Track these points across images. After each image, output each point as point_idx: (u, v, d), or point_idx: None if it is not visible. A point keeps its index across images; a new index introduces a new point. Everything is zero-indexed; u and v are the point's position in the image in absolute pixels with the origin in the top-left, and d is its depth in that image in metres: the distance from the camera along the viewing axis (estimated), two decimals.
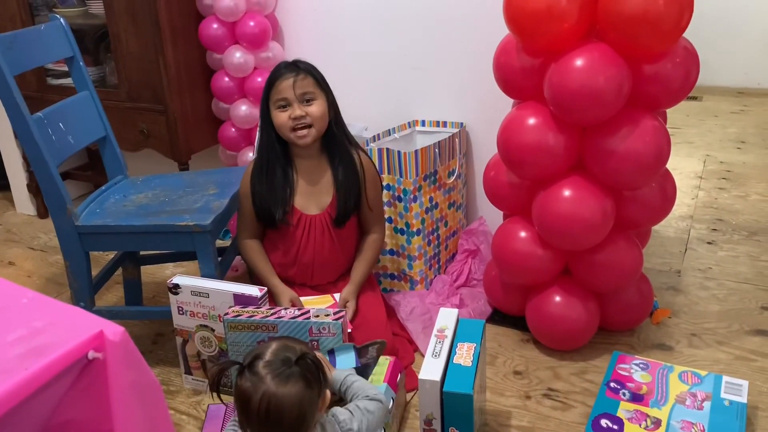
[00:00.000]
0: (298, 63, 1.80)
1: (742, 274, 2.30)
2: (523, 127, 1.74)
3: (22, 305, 0.77)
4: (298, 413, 1.16)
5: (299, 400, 1.16)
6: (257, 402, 1.15)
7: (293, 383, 1.16)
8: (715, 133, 3.87)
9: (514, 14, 1.66)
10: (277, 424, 1.15)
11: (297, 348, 1.23)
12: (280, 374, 1.16)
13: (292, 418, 1.16)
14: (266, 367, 1.17)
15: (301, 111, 1.75)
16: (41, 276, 2.50)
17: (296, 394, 1.16)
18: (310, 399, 1.18)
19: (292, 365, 1.18)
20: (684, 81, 1.66)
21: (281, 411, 1.15)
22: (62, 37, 1.96)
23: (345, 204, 1.84)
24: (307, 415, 1.18)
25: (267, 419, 1.15)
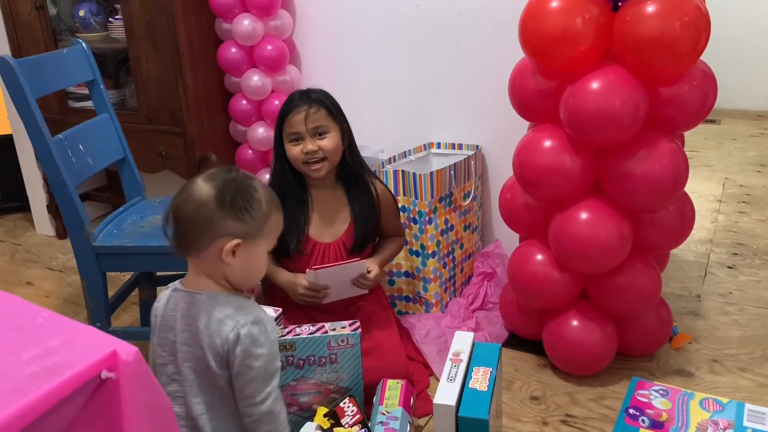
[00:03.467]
0: (310, 93, 1.76)
1: (764, 299, 2.26)
2: (539, 149, 1.73)
3: (37, 324, 0.78)
4: (193, 214, 1.14)
5: (201, 201, 1.15)
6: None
7: (208, 186, 1.16)
8: (734, 156, 3.83)
9: (529, 37, 1.67)
10: (178, 213, 1.17)
11: (248, 177, 1.21)
12: (210, 175, 1.18)
13: (187, 212, 1.15)
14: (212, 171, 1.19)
15: (314, 146, 1.71)
16: (59, 296, 2.52)
17: (206, 192, 1.15)
18: (214, 216, 1.15)
19: (219, 177, 1.17)
20: (701, 104, 1.65)
21: (185, 199, 1.16)
22: (84, 60, 1.99)
23: (363, 235, 1.82)
24: (200, 226, 1.15)
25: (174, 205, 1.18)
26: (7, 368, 0.69)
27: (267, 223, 1.20)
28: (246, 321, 1.16)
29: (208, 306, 1.19)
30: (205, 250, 1.17)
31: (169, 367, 1.24)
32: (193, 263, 1.22)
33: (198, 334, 1.19)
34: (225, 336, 1.15)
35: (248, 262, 1.20)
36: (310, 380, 1.62)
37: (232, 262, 1.17)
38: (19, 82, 1.68)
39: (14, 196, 3.22)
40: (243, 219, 1.16)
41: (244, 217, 1.16)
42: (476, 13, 2.19)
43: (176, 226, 1.17)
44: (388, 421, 1.52)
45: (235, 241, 1.15)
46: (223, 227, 1.15)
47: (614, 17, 1.61)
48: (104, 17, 2.59)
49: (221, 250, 1.15)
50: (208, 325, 1.18)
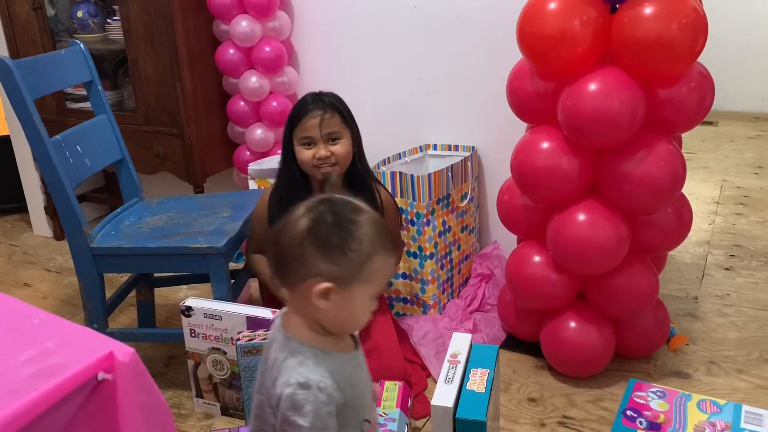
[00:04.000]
0: (323, 97, 1.74)
1: (761, 300, 2.26)
2: (537, 150, 1.73)
3: (33, 326, 0.77)
4: (287, 247, 1.01)
5: (295, 233, 1.00)
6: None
7: (306, 217, 1.01)
8: (731, 158, 3.84)
9: (527, 39, 1.67)
10: (276, 240, 1.04)
11: (355, 209, 1.04)
12: (313, 203, 1.03)
13: (282, 243, 1.02)
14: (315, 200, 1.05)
15: (327, 151, 1.71)
16: (56, 297, 2.51)
17: (301, 225, 1.00)
18: (306, 252, 1.00)
19: (319, 207, 1.02)
20: (699, 105, 1.66)
21: (283, 227, 1.03)
22: (82, 61, 1.99)
23: None
24: (292, 261, 1.01)
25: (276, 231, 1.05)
26: (3, 369, 0.69)
27: (366, 267, 1.00)
28: (296, 380, 0.99)
29: (280, 347, 1.05)
30: (297, 288, 1.02)
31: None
32: (287, 296, 1.07)
33: (266, 370, 1.07)
34: (276, 387, 1.02)
35: (343, 308, 1.02)
36: None
37: (324, 306, 1.00)
38: (17, 83, 1.68)
39: (12, 197, 3.21)
40: (338, 261, 0.98)
41: (338, 259, 0.99)
42: (474, 14, 2.19)
43: (273, 254, 1.04)
44: (385, 423, 1.52)
45: (325, 285, 0.99)
46: (314, 267, 0.99)
47: (612, 19, 1.61)
48: (102, 18, 2.59)
49: (310, 290, 1.00)
50: (272, 367, 1.05)
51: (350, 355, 1.08)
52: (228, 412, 1.79)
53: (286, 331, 1.05)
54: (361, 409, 1.07)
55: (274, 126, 2.46)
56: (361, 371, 1.10)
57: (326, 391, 0.99)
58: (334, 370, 1.02)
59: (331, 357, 1.04)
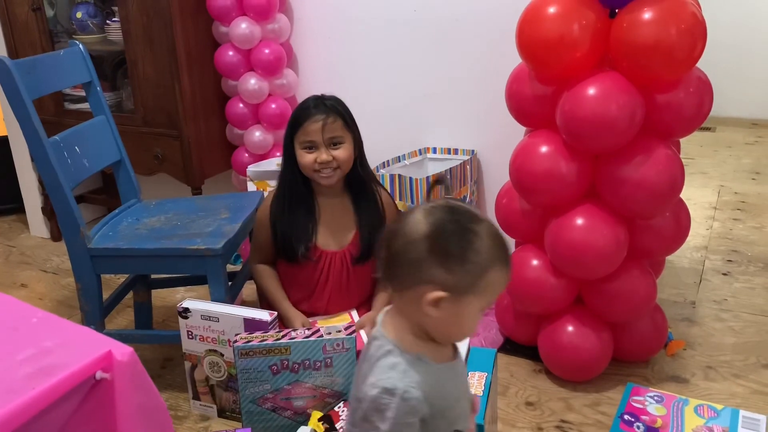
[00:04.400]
0: (325, 101, 1.74)
1: (758, 305, 2.26)
2: (535, 154, 1.73)
3: (32, 325, 0.77)
4: (401, 250, 0.97)
5: (412, 238, 0.96)
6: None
7: (425, 222, 0.97)
8: (729, 163, 3.85)
9: (527, 43, 1.67)
10: (389, 241, 1.00)
11: (475, 218, 0.99)
12: (431, 208, 0.98)
13: (397, 245, 0.98)
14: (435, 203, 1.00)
15: (328, 156, 1.70)
16: (53, 298, 2.51)
17: (420, 229, 0.96)
18: (422, 258, 0.96)
19: (439, 213, 0.97)
20: (697, 110, 1.66)
21: (399, 229, 0.99)
22: (81, 62, 1.99)
23: (369, 244, 1.82)
24: (406, 265, 0.98)
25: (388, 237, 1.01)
26: (1, 368, 0.68)
27: (482, 279, 0.96)
28: (383, 384, 0.97)
29: (377, 346, 1.03)
30: (407, 292, 0.99)
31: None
32: (393, 297, 1.05)
33: (362, 367, 1.06)
34: (365, 385, 1.01)
35: (452, 318, 0.98)
36: (305, 384, 1.61)
37: (434, 314, 0.97)
38: (16, 83, 1.68)
39: (9, 198, 3.21)
40: (454, 271, 0.95)
41: (455, 268, 0.95)
42: (473, 18, 2.20)
43: (385, 255, 1.01)
44: None
45: (438, 294, 0.95)
46: (429, 274, 0.96)
47: (611, 24, 1.62)
48: (101, 19, 2.59)
49: (422, 297, 0.96)
50: (368, 362, 1.04)
51: (447, 365, 1.05)
52: (224, 414, 1.79)
53: (385, 332, 1.03)
54: (454, 420, 1.04)
55: (273, 128, 2.46)
56: (457, 381, 1.08)
57: (410, 402, 0.96)
58: (426, 380, 0.99)
59: (426, 365, 1.01)
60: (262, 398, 1.62)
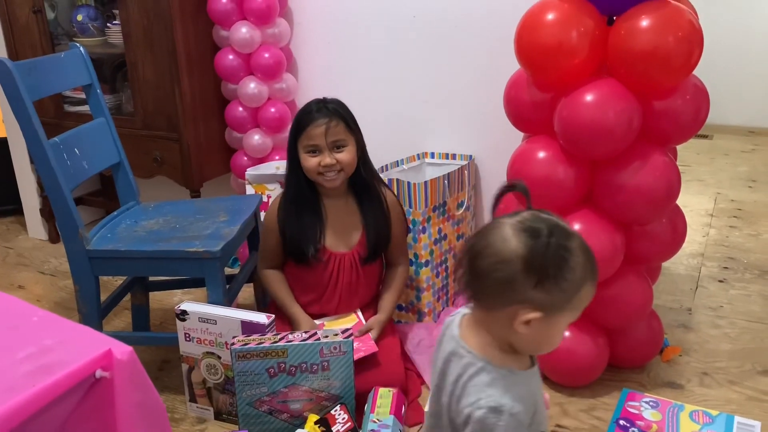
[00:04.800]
0: (327, 104, 1.76)
1: (754, 312, 2.27)
2: (533, 160, 1.74)
3: (32, 323, 0.77)
4: (491, 269, 0.95)
5: (504, 257, 0.94)
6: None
7: (517, 241, 0.94)
8: (726, 171, 3.87)
9: (525, 49, 1.68)
10: (473, 259, 0.98)
11: (568, 234, 0.97)
12: (522, 224, 0.96)
13: (485, 264, 0.95)
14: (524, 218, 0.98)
15: (332, 159, 1.73)
16: (50, 300, 2.51)
17: (512, 248, 0.93)
18: (516, 279, 0.94)
19: (533, 232, 0.94)
20: (694, 117, 1.67)
21: (485, 246, 0.96)
22: (81, 64, 2.00)
23: (375, 244, 1.84)
24: (497, 285, 0.95)
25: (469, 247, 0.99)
26: (2, 366, 0.69)
27: (576, 296, 0.96)
28: (487, 403, 0.96)
29: (467, 367, 1.01)
30: (495, 311, 0.98)
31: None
32: (476, 314, 1.04)
33: (445, 380, 1.05)
34: (462, 406, 1.00)
35: (542, 335, 0.98)
36: (302, 387, 1.62)
37: (524, 332, 0.97)
38: (16, 85, 1.69)
39: (7, 200, 3.20)
40: (549, 290, 0.94)
41: (551, 289, 0.94)
42: (472, 24, 2.21)
43: (469, 272, 0.99)
44: (379, 429, 1.52)
45: (534, 314, 0.94)
46: (523, 294, 0.94)
47: (609, 31, 1.63)
48: (102, 22, 2.60)
49: (514, 317, 0.96)
50: (457, 381, 1.02)
51: (531, 371, 1.06)
52: (221, 416, 1.79)
53: (469, 346, 1.02)
54: (541, 422, 1.06)
55: (272, 132, 2.47)
56: (538, 385, 1.08)
57: (518, 417, 0.96)
58: (522, 392, 1.00)
59: (518, 376, 1.01)
60: (259, 401, 1.62)
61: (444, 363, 1.05)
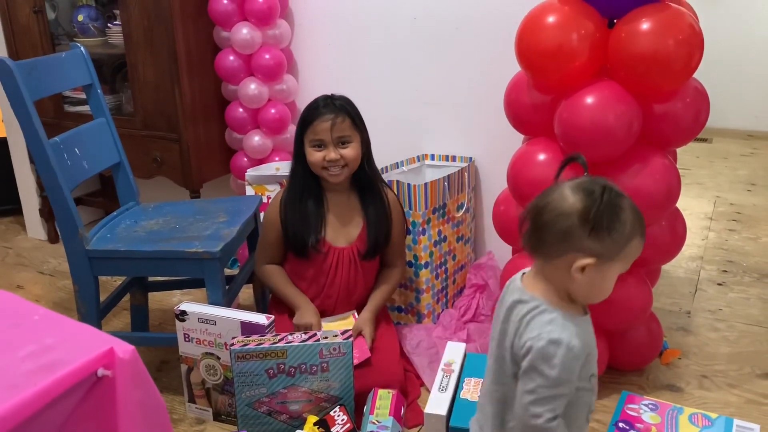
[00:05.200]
0: (335, 101, 1.79)
1: (753, 316, 2.27)
2: (533, 162, 1.75)
3: (33, 322, 0.77)
4: (552, 222, 1.09)
5: (563, 211, 1.08)
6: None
7: (574, 197, 1.09)
8: (725, 174, 3.87)
9: (526, 51, 1.69)
10: (537, 215, 1.13)
11: (620, 194, 1.11)
12: (578, 184, 1.10)
13: (546, 218, 1.10)
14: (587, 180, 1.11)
15: (336, 154, 1.75)
16: (49, 300, 2.50)
17: (570, 203, 1.08)
18: (573, 229, 1.07)
19: (588, 189, 1.08)
20: (694, 120, 1.68)
21: (547, 203, 1.11)
22: (82, 64, 2.00)
23: (376, 241, 1.85)
24: (556, 236, 1.09)
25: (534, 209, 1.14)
26: (3, 365, 0.69)
27: (626, 247, 1.10)
28: (547, 337, 1.10)
29: (530, 308, 1.15)
30: (554, 259, 1.12)
31: (491, 341, 1.26)
32: (537, 264, 1.18)
33: (512, 329, 1.17)
34: (523, 341, 1.13)
35: (596, 282, 1.12)
36: (301, 388, 1.62)
37: (580, 279, 1.11)
38: (17, 84, 1.69)
39: (6, 199, 3.20)
40: (602, 239, 1.08)
41: (604, 238, 1.08)
42: (473, 27, 2.21)
43: (532, 227, 1.14)
44: (378, 431, 1.52)
45: (588, 260, 1.08)
46: (579, 243, 1.09)
47: (609, 34, 1.63)
48: (102, 23, 2.60)
49: (571, 264, 1.10)
50: (521, 321, 1.15)
51: (585, 318, 1.18)
52: (220, 417, 1.78)
53: (531, 292, 1.16)
54: (591, 365, 1.18)
55: (272, 133, 2.47)
56: (591, 331, 1.20)
57: (574, 350, 1.10)
58: (578, 331, 1.12)
59: (575, 319, 1.14)
60: (258, 402, 1.62)
61: (508, 310, 1.18)
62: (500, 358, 1.20)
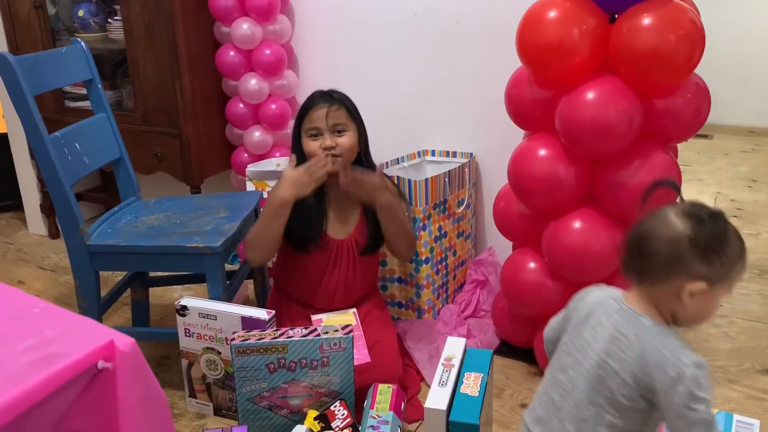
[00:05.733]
0: (332, 93, 1.82)
1: (753, 312, 2.27)
2: (534, 158, 1.74)
3: (34, 314, 0.78)
4: (660, 249, 1.11)
5: (673, 237, 1.10)
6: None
7: (683, 223, 1.11)
8: (726, 171, 3.87)
9: (526, 47, 1.68)
10: (641, 243, 1.15)
11: (725, 220, 1.14)
12: (684, 210, 1.13)
13: (655, 245, 1.12)
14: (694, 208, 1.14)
15: (332, 141, 1.76)
16: (50, 295, 2.50)
17: (679, 230, 1.10)
18: (684, 255, 1.10)
19: (695, 215, 1.11)
20: (695, 116, 1.67)
21: (651, 231, 1.13)
22: (82, 60, 2.00)
23: (375, 234, 1.85)
24: (665, 262, 1.11)
25: (636, 240, 1.16)
26: (3, 357, 0.69)
27: (733, 270, 1.14)
28: (690, 362, 1.11)
29: (651, 333, 1.16)
30: (662, 285, 1.14)
31: (569, 358, 1.24)
32: (641, 289, 1.19)
33: (624, 351, 1.16)
34: (665, 370, 1.12)
35: (703, 306, 1.15)
36: (302, 383, 1.62)
37: (689, 303, 1.13)
38: (18, 79, 1.69)
39: (7, 195, 3.21)
40: (712, 264, 1.10)
41: (714, 262, 1.11)
42: (474, 22, 2.21)
43: (636, 254, 1.16)
44: (378, 425, 1.52)
45: (700, 285, 1.11)
46: (690, 268, 1.11)
47: (610, 29, 1.63)
48: (103, 18, 2.60)
49: (680, 289, 1.12)
50: (645, 350, 1.15)
51: None
52: (221, 412, 1.79)
53: (643, 313, 1.17)
54: None
55: (273, 129, 2.46)
56: None
57: (707, 367, 1.13)
58: None
59: (684, 341, 1.16)
60: (259, 396, 1.63)
61: (616, 333, 1.17)
62: (599, 379, 1.18)
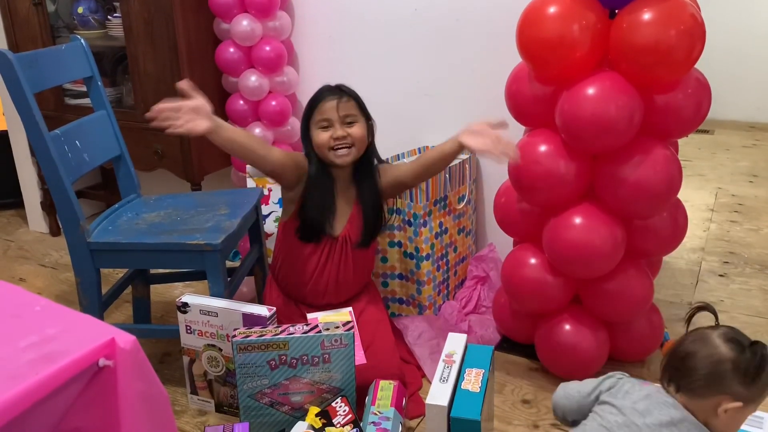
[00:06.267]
0: (341, 87, 1.82)
1: (754, 307, 2.27)
2: (534, 154, 1.74)
3: (35, 312, 0.78)
4: (705, 366, 1.23)
5: (718, 359, 1.22)
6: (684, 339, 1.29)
7: (728, 348, 1.23)
8: (726, 166, 3.87)
9: (527, 43, 1.68)
10: (684, 359, 1.27)
11: (764, 351, 1.24)
12: (728, 335, 1.25)
13: (701, 363, 1.24)
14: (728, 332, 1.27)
15: (343, 132, 1.76)
16: (51, 293, 2.51)
17: (724, 353, 1.22)
18: (725, 375, 1.21)
19: (739, 341, 1.24)
20: (695, 111, 1.67)
21: (696, 350, 1.25)
22: (82, 57, 2.00)
23: (369, 228, 1.86)
24: (708, 379, 1.23)
25: (681, 358, 1.28)
26: (4, 355, 0.69)
27: (764, 394, 1.26)
28: None
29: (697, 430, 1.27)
30: (701, 398, 1.26)
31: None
32: (677, 396, 1.29)
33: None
34: None
35: (733, 421, 1.27)
36: (303, 379, 1.62)
37: (723, 418, 1.25)
38: (18, 77, 1.69)
39: (8, 193, 3.21)
40: (749, 386, 1.22)
41: (751, 386, 1.23)
42: (474, 18, 2.21)
43: (680, 369, 1.28)
44: (380, 422, 1.53)
45: (736, 404, 1.23)
46: (729, 388, 1.22)
47: (611, 24, 1.62)
48: (103, 15, 2.59)
49: (717, 404, 1.24)
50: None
51: None
52: (222, 408, 1.79)
53: (687, 414, 1.27)
54: None
55: (273, 125, 2.46)
56: None
57: None
58: None
59: None
60: (260, 393, 1.63)
61: (656, 425, 1.27)
62: None
